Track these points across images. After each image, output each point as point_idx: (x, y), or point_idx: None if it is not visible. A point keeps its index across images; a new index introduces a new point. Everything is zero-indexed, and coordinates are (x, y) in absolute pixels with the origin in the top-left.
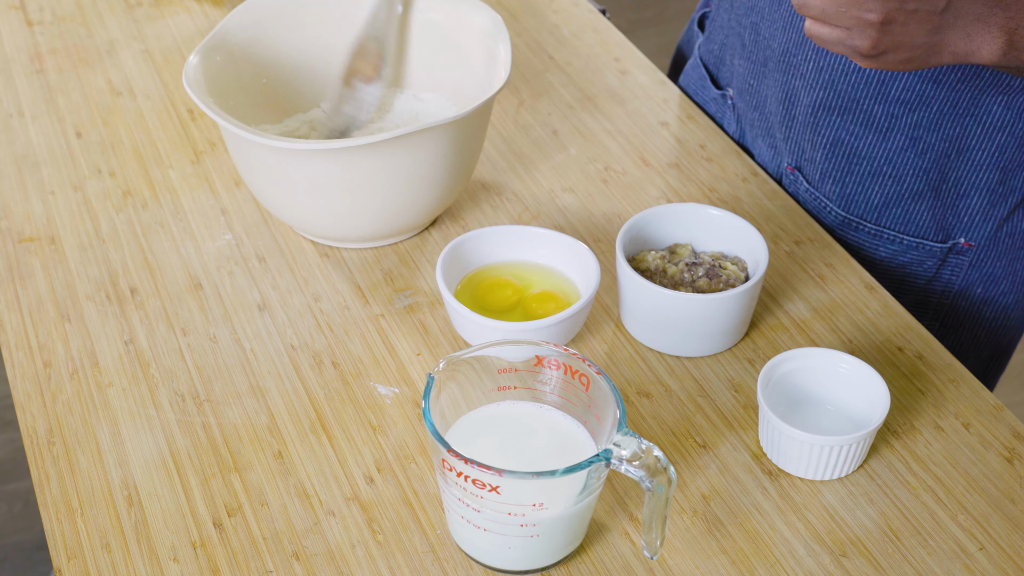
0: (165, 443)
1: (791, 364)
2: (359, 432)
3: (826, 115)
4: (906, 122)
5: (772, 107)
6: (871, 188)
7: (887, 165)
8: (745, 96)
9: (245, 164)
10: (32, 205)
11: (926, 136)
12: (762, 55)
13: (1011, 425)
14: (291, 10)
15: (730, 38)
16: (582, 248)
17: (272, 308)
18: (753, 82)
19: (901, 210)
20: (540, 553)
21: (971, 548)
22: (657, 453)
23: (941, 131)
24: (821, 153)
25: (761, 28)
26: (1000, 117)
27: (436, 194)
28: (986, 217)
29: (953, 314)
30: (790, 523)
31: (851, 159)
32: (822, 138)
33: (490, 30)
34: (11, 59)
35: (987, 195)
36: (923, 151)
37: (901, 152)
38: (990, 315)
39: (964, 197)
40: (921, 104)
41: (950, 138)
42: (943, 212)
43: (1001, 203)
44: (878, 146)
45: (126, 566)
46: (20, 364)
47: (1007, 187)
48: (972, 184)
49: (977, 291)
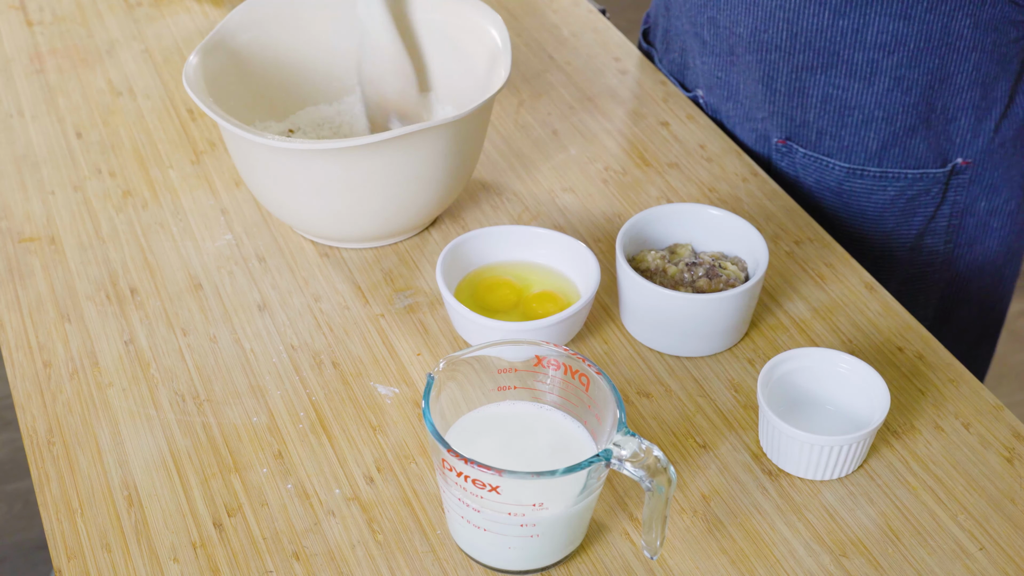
0: (165, 443)
1: (791, 364)
2: (359, 432)
3: (810, 75)
4: (887, 64)
5: (749, 90)
6: (867, 135)
7: (877, 109)
8: (715, 91)
9: (245, 164)
10: (32, 205)
11: (908, 74)
12: (726, 44)
13: (1011, 425)
14: (291, 10)
15: (688, 41)
16: (582, 248)
17: (272, 308)
18: (721, 74)
19: (899, 149)
20: (540, 553)
21: (971, 548)
22: (657, 453)
23: (921, 66)
24: (813, 112)
25: (720, 19)
26: (971, 37)
27: (436, 194)
28: (976, 133)
29: (963, 231)
30: (790, 523)
31: (843, 111)
32: (811, 98)
33: (490, 30)
34: (11, 59)
35: (973, 112)
36: (908, 88)
37: (887, 93)
38: (997, 224)
39: (953, 120)
40: (897, 45)
41: (931, 70)
42: (937, 139)
43: (986, 116)
44: (865, 93)
45: (126, 566)
46: (20, 364)
47: (989, 100)
48: (958, 106)
49: (981, 204)
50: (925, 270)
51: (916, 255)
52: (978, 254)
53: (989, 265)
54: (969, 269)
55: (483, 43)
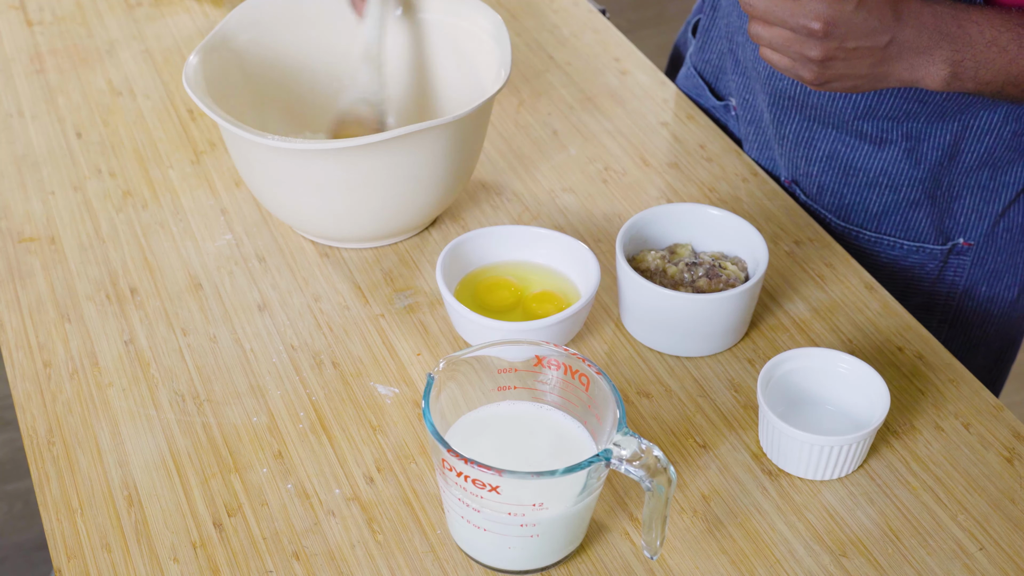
0: (165, 443)
1: (791, 364)
2: (359, 432)
3: (821, 128)
4: (897, 134)
5: (767, 122)
6: (869, 198)
7: (883, 176)
8: (742, 110)
9: (245, 164)
10: (32, 205)
11: (919, 146)
12: (753, 72)
13: (1011, 425)
14: (291, 10)
15: (724, 52)
16: (582, 248)
17: (272, 308)
18: (748, 96)
19: (899, 217)
20: (540, 553)
21: (971, 548)
22: (657, 453)
23: (932, 139)
24: (817, 167)
25: (748, 48)
26: (987, 120)
27: (436, 194)
28: (981, 215)
29: (960, 314)
30: (790, 523)
31: (847, 171)
32: (817, 152)
33: (490, 30)
34: (11, 59)
35: (979, 193)
36: (917, 161)
37: (896, 163)
38: (997, 311)
39: (958, 199)
40: (909, 118)
41: (942, 146)
42: (940, 216)
43: (994, 199)
44: (873, 156)
45: (126, 566)
46: (20, 364)
47: (998, 183)
48: (964, 185)
49: (982, 289)
50: None
51: None
52: (975, 338)
53: (984, 349)
54: (964, 351)
55: (483, 43)
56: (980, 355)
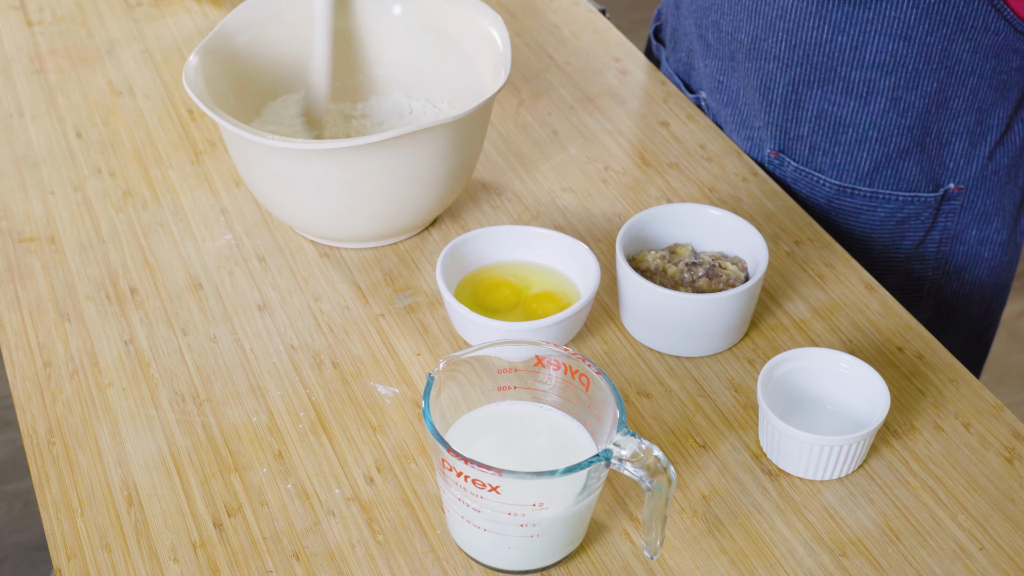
0: (165, 443)
1: (791, 364)
2: (359, 432)
3: (807, 89)
4: (884, 84)
5: (747, 97)
6: (860, 154)
7: (872, 129)
8: (716, 95)
9: (245, 164)
10: (32, 205)
11: (905, 96)
12: (728, 50)
13: (1011, 425)
14: (291, 10)
15: (694, 42)
16: (582, 248)
17: (272, 308)
18: (722, 79)
19: (891, 170)
20: (540, 553)
21: (971, 548)
22: (657, 453)
23: (919, 88)
24: (807, 127)
25: (723, 24)
26: (970, 61)
27: (436, 194)
28: (969, 159)
29: (952, 259)
30: (790, 523)
31: (837, 128)
32: (806, 112)
33: (490, 30)
34: (11, 59)
35: (967, 137)
36: (904, 110)
37: (883, 114)
38: (987, 254)
39: (947, 145)
40: (896, 65)
41: (928, 93)
42: (930, 163)
43: (981, 143)
44: (861, 111)
45: (126, 566)
46: (20, 364)
47: (984, 126)
48: (953, 131)
49: (972, 232)
50: (912, 295)
51: (904, 280)
52: (967, 283)
53: (977, 295)
54: (956, 297)
55: (483, 43)
56: (974, 302)
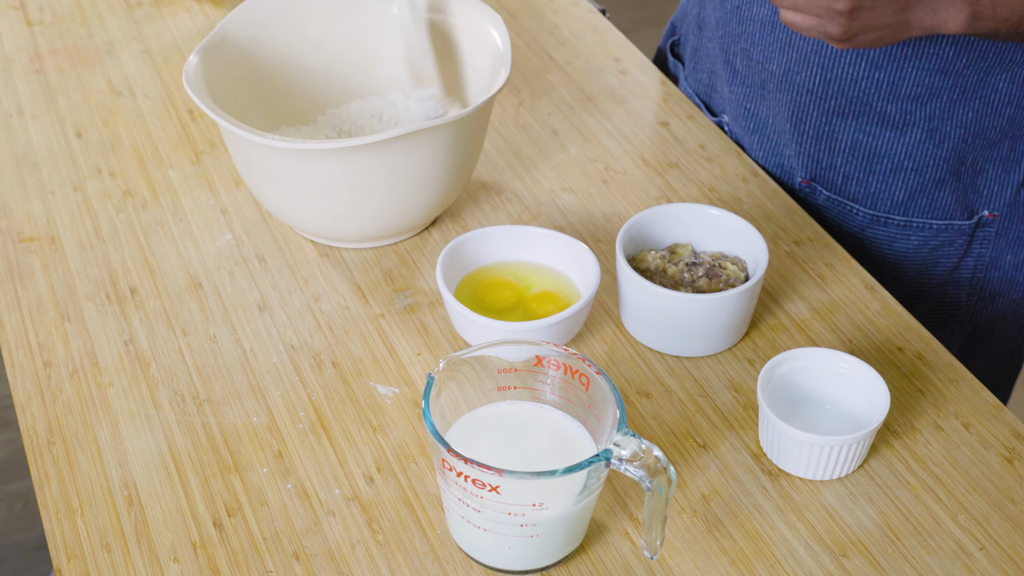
0: (165, 443)
1: (791, 364)
2: (359, 432)
3: (841, 120)
4: (920, 115)
5: (777, 126)
6: (895, 184)
7: (907, 160)
8: (741, 121)
9: (245, 164)
10: (32, 205)
11: (941, 126)
12: (758, 79)
13: (1011, 425)
14: (291, 10)
15: (718, 66)
16: (582, 248)
17: (272, 308)
18: (750, 106)
19: (926, 199)
20: (540, 553)
21: (971, 548)
22: (657, 453)
23: (955, 119)
24: (841, 158)
25: (753, 53)
26: (1006, 92)
27: (436, 194)
28: (1003, 185)
29: (988, 284)
30: (790, 523)
31: (871, 159)
32: (840, 143)
33: (490, 30)
34: (11, 59)
35: (1001, 164)
36: (940, 141)
37: (919, 145)
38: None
39: (981, 173)
40: (932, 96)
41: (964, 123)
42: (965, 191)
43: (1014, 169)
44: (896, 142)
45: (126, 566)
46: (20, 364)
47: (1017, 152)
48: (987, 159)
49: (1007, 258)
50: (945, 319)
51: (937, 304)
52: (1001, 307)
53: (1011, 317)
54: (991, 320)
55: (483, 43)
56: (1008, 324)
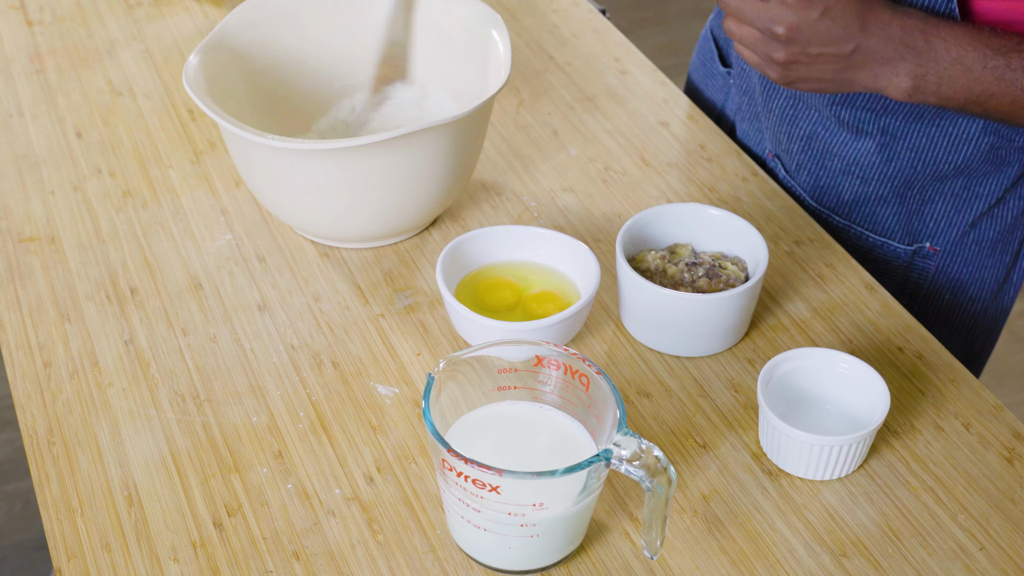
0: (165, 443)
1: (791, 364)
2: (359, 432)
3: (804, 108)
4: (873, 127)
5: (757, 94)
6: (842, 184)
7: (855, 166)
8: (738, 80)
9: (245, 164)
10: (32, 205)
11: (892, 143)
12: None
13: (1011, 425)
14: (291, 10)
15: None
16: (582, 248)
17: (272, 308)
18: (744, 66)
19: (868, 209)
20: (540, 553)
21: (971, 548)
22: (657, 453)
23: (907, 140)
24: (797, 145)
25: None
26: (966, 130)
27: (436, 194)
28: (951, 223)
29: (926, 313)
30: (790, 523)
31: (824, 154)
32: (798, 130)
33: (490, 30)
34: (11, 59)
35: (951, 201)
36: (889, 158)
37: (868, 155)
38: (958, 320)
39: (929, 203)
40: (886, 112)
41: (916, 148)
42: (908, 217)
43: (966, 209)
44: (850, 145)
45: (126, 566)
46: (20, 364)
47: (971, 193)
48: (937, 191)
49: (946, 296)
50: None
51: None
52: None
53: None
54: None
55: (483, 43)
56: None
